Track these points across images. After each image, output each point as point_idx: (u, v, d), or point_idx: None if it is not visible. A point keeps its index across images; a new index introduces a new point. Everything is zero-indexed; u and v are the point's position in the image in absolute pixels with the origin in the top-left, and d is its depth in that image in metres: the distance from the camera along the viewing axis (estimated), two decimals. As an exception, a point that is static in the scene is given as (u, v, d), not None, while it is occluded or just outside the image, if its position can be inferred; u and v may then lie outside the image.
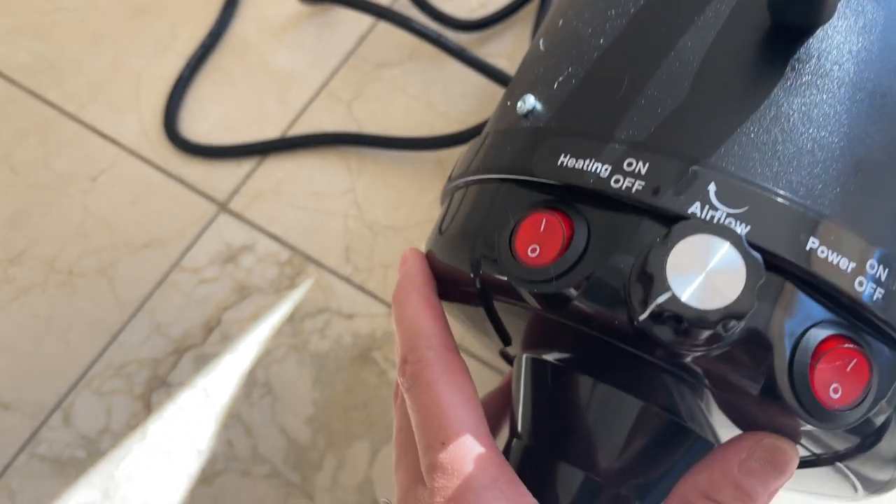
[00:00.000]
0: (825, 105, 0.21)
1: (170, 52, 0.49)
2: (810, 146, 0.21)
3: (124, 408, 0.41)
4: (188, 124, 0.47)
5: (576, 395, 0.26)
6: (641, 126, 0.22)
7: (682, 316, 0.18)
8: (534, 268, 0.22)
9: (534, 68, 0.27)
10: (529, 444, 0.26)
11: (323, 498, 0.39)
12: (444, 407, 0.24)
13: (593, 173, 0.21)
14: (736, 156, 0.21)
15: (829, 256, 0.20)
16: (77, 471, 0.40)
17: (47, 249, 0.45)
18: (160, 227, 0.45)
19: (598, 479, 0.25)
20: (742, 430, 0.23)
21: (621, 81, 0.23)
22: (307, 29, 0.50)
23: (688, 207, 0.20)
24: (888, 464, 0.23)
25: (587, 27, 0.25)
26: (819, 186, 0.21)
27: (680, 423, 0.25)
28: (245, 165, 0.46)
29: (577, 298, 0.21)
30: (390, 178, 0.45)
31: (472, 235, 0.24)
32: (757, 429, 0.22)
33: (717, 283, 0.18)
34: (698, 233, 0.19)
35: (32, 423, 0.41)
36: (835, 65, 0.21)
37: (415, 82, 0.47)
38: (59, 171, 0.47)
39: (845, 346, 0.20)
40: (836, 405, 0.20)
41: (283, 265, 0.43)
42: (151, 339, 0.42)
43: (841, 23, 0.22)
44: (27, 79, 0.49)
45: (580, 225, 0.21)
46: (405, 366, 0.25)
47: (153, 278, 0.44)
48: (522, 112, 0.25)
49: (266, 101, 0.48)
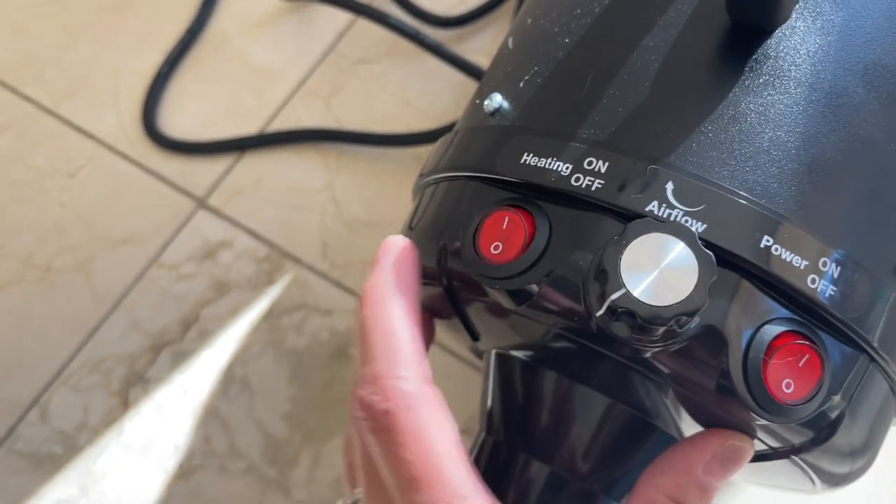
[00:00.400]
0: (781, 105, 0.21)
1: (149, 48, 0.49)
2: (767, 146, 0.21)
3: (102, 404, 0.41)
4: (167, 120, 0.47)
5: (542, 391, 0.26)
6: (603, 125, 0.22)
7: (635, 312, 0.19)
8: (496, 264, 0.22)
9: (502, 66, 0.27)
10: (497, 440, 0.26)
11: (299, 493, 0.39)
12: (429, 463, 0.20)
13: (555, 172, 0.22)
14: (694, 155, 0.21)
15: (783, 254, 0.20)
16: (54, 466, 0.40)
17: (24, 245, 0.45)
18: (138, 223, 0.45)
19: (564, 473, 0.25)
20: (702, 425, 0.23)
21: (585, 80, 0.23)
22: (286, 25, 0.50)
23: (646, 206, 0.20)
24: (845, 458, 0.24)
25: (554, 26, 0.25)
26: (775, 185, 0.21)
27: (645, 419, 0.25)
28: (223, 161, 0.46)
29: (539, 295, 0.22)
30: (368, 174, 0.45)
31: (440, 232, 0.25)
32: (716, 424, 0.23)
33: (671, 279, 0.19)
34: (652, 231, 0.19)
35: (9, 420, 0.41)
36: (792, 65, 0.22)
37: (393, 79, 0.47)
38: (36, 167, 0.46)
39: (798, 343, 0.20)
40: (788, 400, 0.20)
41: (261, 261, 0.43)
42: (129, 335, 0.42)
43: (799, 24, 0.22)
44: (4, 73, 0.49)
45: (542, 223, 0.22)
46: (373, 397, 0.21)
47: (131, 274, 0.44)
48: (489, 110, 0.25)
49: (244, 97, 0.48)
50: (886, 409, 0.24)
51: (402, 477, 0.20)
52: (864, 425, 0.23)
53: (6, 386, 0.41)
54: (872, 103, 0.22)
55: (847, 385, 0.22)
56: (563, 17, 0.25)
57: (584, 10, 0.25)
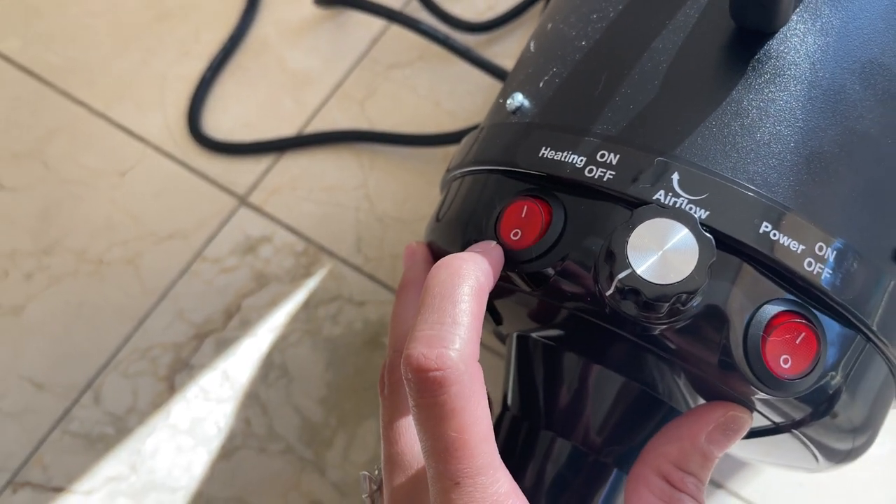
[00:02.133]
0: (781, 101, 0.23)
1: (193, 55, 0.52)
2: (767, 139, 0.23)
3: (150, 388, 0.44)
4: (210, 122, 0.50)
5: (560, 371, 0.28)
6: (615, 121, 0.24)
7: (640, 290, 0.20)
8: (516, 250, 0.24)
9: (524, 68, 0.29)
10: (517, 416, 0.28)
11: (334, 473, 0.41)
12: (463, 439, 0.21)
13: (570, 164, 0.24)
14: (699, 148, 0.23)
15: (781, 240, 0.22)
16: (106, 446, 0.43)
17: (78, 240, 0.47)
18: (183, 220, 0.47)
19: (580, 447, 0.27)
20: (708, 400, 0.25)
21: (599, 80, 0.25)
22: (323, 32, 0.52)
23: (653, 195, 0.22)
24: (845, 434, 0.25)
25: (572, 30, 0.27)
26: (774, 176, 0.23)
27: (656, 395, 0.27)
28: (263, 161, 0.48)
29: (555, 277, 0.24)
30: (400, 173, 0.47)
31: (465, 222, 0.27)
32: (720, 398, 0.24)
33: (673, 260, 0.21)
34: (657, 216, 0.21)
35: (65, 403, 0.44)
36: (792, 65, 0.23)
37: (424, 82, 0.50)
38: (88, 167, 0.49)
39: (795, 321, 0.22)
40: (786, 374, 0.22)
41: (298, 255, 0.46)
42: (175, 324, 0.45)
43: (799, 26, 0.24)
44: (59, 79, 0.52)
45: (558, 211, 0.24)
46: (426, 360, 0.21)
47: (177, 267, 0.46)
48: (511, 108, 0.27)
49: (283, 101, 0.50)
50: (886, 390, 0.25)
51: (436, 443, 0.21)
52: (863, 403, 0.25)
53: (62, 371, 0.44)
54: (869, 100, 0.23)
55: (844, 363, 0.23)
56: (581, 21, 0.27)
57: (599, 15, 0.26)
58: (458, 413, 0.21)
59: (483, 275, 0.23)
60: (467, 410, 0.21)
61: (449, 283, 0.22)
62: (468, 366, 0.21)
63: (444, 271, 0.22)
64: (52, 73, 0.52)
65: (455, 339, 0.21)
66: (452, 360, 0.21)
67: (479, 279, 0.23)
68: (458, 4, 0.51)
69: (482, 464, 0.21)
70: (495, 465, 0.22)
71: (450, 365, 0.21)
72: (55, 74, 0.52)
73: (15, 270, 0.47)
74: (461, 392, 0.21)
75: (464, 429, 0.21)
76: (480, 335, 0.22)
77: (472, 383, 0.21)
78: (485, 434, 0.22)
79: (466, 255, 0.23)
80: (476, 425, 0.21)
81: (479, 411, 0.21)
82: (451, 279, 0.22)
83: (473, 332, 0.22)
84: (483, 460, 0.21)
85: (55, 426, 0.43)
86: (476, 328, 0.22)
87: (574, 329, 0.26)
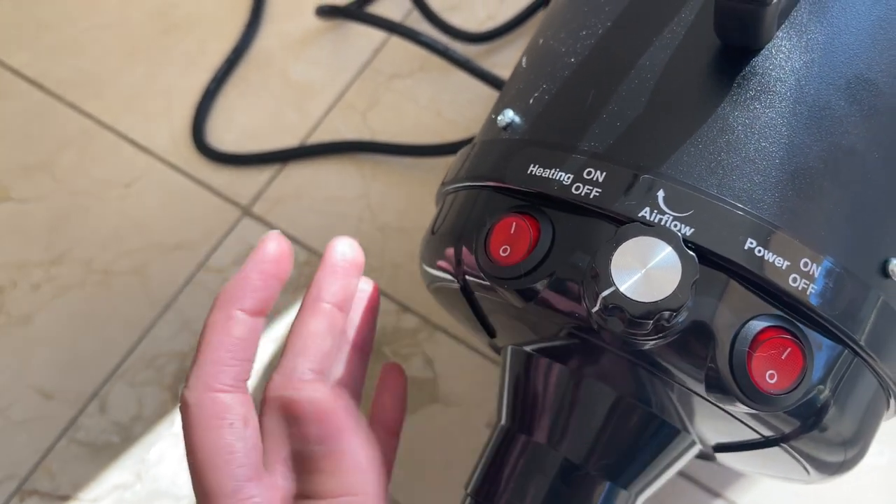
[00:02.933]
0: (767, 118, 0.23)
1: (198, 67, 0.53)
2: (752, 155, 0.23)
3: (155, 397, 0.44)
4: (214, 133, 0.51)
5: (553, 384, 0.28)
6: (602, 138, 0.24)
7: (623, 308, 0.21)
8: (505, 266, 0.24)
9: (516, 83, 0.29)
10: (509, 427, 0.29)
11: (336, 482, 0.41)
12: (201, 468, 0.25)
13: (558, 181, 0.24)
14: (684, 165, 0.23)
15: (766, 256, 0.22)
16: (112, 454, 0.43)
17: (86, 251, 0.48)
18: (189, 230, 0.48)
19: (574, 460, 0.27)
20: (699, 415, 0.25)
21: (587, 96, 0.25)
22: (325, 43, 0.53)
23: (639, 212, 0.22)
24: (836, 447, 0.25)
25: (561, 46, 0.27)
26: (759, 192, 0.23)
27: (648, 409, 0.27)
28: (267, 172, 0.49)
29: (543, 293, 0.24)
30: (401, 182, 0.48)
31: (457, 236, 0.27)
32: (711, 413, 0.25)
33: (656, 278, 0.21)
34: (640, 234, 0.21)
35: (72, 411, 0.44)
36: (777, 81, 0.24)
37: (425, 92, 0.50)
38: (96, 179, 0.50)
39: (781, 337, 0.22)
40: (772, 390, 0.22)
41: (300, 265, 0.46)
42: (180, 334, 0.46)
43: (785, 42, 0.24)
44: (68, 92, 0.53)
45: (546, 227, 0.24)
46: (188, 380, 0.26)
47: (182, 278, 0.47)
48: (502, 125, 0.27)
49: (287, 112, 0.51)
50: (876, 402, 0.26)
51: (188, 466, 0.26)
52: (853, 416, 0.25)
53: (69, 380, 0.45)
54: (854, 115, 0.23)
55: (832, 378, 0.23)
56: (570, 38, 0.27)
57: (588, 31, 0.27)
58: (189, 442, 0.25)
59: (236, 301, 0.27)
60: (195, 439, 0.25)
61: (207, 319, 0.26)
62: (198, 398, 0.25)
63: (214, 310, 0.26)
64: (61, 86, 0.53)
65: (192, 376, 0.26)
66: (184, 396, 0.25)
67: (228, 307, 0.26)
68: (459, 15, 0.51)
69: (215, 490, 0.25)
70: (226, 492, 0.25)
71: (183, 401, 0.25)
72: (64, 87, 0.53)
73: (23, 281, 0.47)
74: (192, 423, 0.25)
75: (194, 453, 0.25)
76: (235, 360, 0.26)
77: (201, 415, 0.25)
78: (217, 462, 0.25)
79: (229, 284, 0.27)
80: (201, 452, 0.25)
81: (208, 441, 0.25)
82: (209, 315, 0.26)
83: (209, 366, 0.25)
84: (213, 486, 0.25)
85: (62, 434, 0.44)
86: (214, 359, 0.26)
87: (565, 343, 0.27)
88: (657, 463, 0.28)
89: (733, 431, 0.26)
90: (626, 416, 0.27)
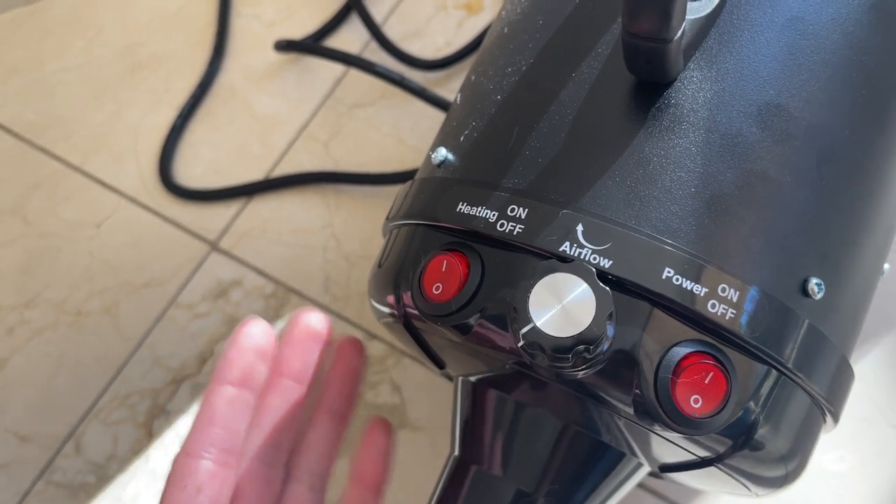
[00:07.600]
0: (680, 148, 0.24)
1: (164, 103, 0.53)
2: (668, 185, 0.24)
3: (129, 435, 0.45)
4: (181, 169, 0.51)
5: (499, 413, 0.28)
6: (525, 175, 0.25)
7: (541, 344, 0.21)
8: (438, 303, 0.25)
9: (450, 121, 0.30)
10: (461, 457, 0.29)
11: (309, 511, 0.42)
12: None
13: (483, 219, 0.24)
14: (603, 198, 0.24)
15: (684, 283, 0.23)
16: (88, 495, 0.44)
17: (58, 292, 0.49)
18: (158, 268, 0.49)
19: (523, 488, 0.28)
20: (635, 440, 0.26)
21: (511, 133, 0.26)
22: (288, 75, 0.53)
23: (559, 246, 0.23)
24: (774, 462, 0.26)
25: (489, 83, 0.28)
26: (676, 222, 0.23)
27: (592, 435, 0.27)
28: (233, 206, 0.50)
29: (476, 328, 0.24)
30: (365, 211, 0.48)
31: (396, 272, 0.28)
32: (646, 437, 0.25)
33: (572, 313, 0.21)
34: (556, 272, 0.22)
35: (48, 453, 0.45)
36: (690, 112, 0.24)
37: (387, 120, 0.51)
38: (66, 220, 0.51)
39: (703, 362, 0.23)
40: (697, 414, 0.23)
41: (268, 297, 0.47)
42: (152, 371, 0.46)
43: (696, 73, 0.24)
44: (36, 135, 0.54)
45: (475, 264, 0.25)
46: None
47: (153, 315, 0.47)
48: (436, 162, 0.28)
49: (252, 145, 0.51)
50: (811, 418, 0.26)
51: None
52: (787, 433, 0.25)
53: (44, 422, 0.45)
54: (766, 141, 0.24)
55: (760, 398, 0.24)
56: (497, 75, 0.28)
57: (513, 69, 0.27)
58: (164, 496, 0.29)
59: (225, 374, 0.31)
60: (161, 495, 0.29)
61: (208, 398, 0.31)
62: (176, 459, 0.30)
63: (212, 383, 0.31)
64: (30, 129, 0.54)
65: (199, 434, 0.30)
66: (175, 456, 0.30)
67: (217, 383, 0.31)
68: (419, 42, 0.52)
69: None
70: None
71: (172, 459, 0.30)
72: (33, 131, 0.54)
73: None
74: (166, 480, 0.30)
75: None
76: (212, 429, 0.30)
77: (171, 474, 0.29)
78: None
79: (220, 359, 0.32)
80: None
81: (166, 499, 0.29)
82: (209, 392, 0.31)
83: (192, 432, 0.30)
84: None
85: (39, 477, 0.44)
86: (197, 427, 0.30)
87: (507, 374, 0.27)
88: (606, 485, 0.28)
89: (674, 453, 0.26)
90: (571, 443, 0.27)
